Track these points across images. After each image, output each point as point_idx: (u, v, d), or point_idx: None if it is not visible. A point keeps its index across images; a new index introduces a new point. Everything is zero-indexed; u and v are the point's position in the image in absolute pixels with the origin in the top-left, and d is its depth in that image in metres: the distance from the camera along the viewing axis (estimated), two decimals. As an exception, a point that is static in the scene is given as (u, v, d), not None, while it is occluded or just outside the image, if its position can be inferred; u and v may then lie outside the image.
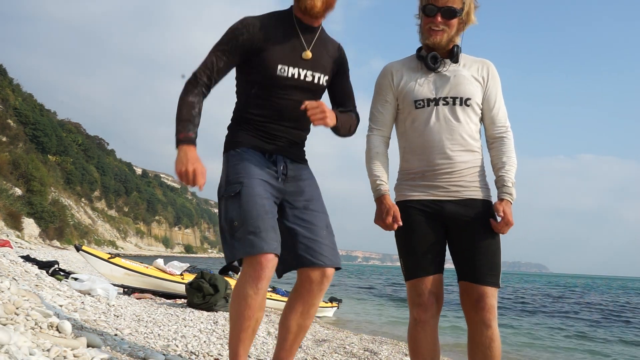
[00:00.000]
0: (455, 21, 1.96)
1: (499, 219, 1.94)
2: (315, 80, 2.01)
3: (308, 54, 1.97)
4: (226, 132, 2.10)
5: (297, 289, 1.99)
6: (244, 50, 1.94)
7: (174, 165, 1.80)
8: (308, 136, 2.14)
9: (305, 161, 2.12)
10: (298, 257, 1.93)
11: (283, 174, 1.98)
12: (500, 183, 1.99)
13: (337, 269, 1.98)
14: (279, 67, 1.93)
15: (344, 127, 2.06)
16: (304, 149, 2.13)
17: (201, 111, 1.92)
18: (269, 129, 1.98)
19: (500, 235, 1.97)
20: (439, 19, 1.95)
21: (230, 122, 2.09)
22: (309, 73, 1.98)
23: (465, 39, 2.05)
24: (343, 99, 2.13)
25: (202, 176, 1.80)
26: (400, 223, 1.95)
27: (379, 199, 2.00)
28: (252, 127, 1.99)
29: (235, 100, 2.10)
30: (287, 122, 2.00)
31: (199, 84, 1.92)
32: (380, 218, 1.97)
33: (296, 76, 1.96)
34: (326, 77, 2.05)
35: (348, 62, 2.15)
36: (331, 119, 1.90)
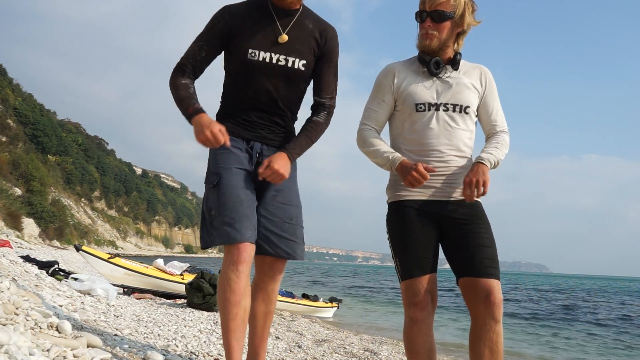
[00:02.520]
0: (446, 25, 2.00)
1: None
2: (289, 64, 1.97)
3: (284, 37, 1.96)
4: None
5: (255, 279, 2.12)
6: (222, 37, 1.98)
7: (196, 135, 1.84)
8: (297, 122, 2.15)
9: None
10: (257, 245, 1.99)
11: (258, 161, 2.02)
12: (478, 157, 2.00)
13: (294, 259, 2.03)
14: (250, 51, 1.93)
15: (306, 150, 2.06)
16: (288, 131, 2.09)
17: (196, 91, 1.97)
18: (247, 116, 2.03)
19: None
20: (429, 22, 1.99)
21: (219, 107, 2.14)
22: (282, 57, 1.96)
23: (468, 43, 2.08)
24: (320, 89, 2.08)
25: (222, 134, 1.82)
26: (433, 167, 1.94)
27: (400, 164, 1.97)
28: (233, 114, 2.05)
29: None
30: (264, 106, 2.01)
31: (185, 72, 1.99)
32: (412, 170, 1.91)
33: (267, 60, 1.95)
34: (303, 62, 1.99)
35: (338, 47, 2.08)
36: (286, 172, 1.91)
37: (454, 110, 2.02)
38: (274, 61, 1.96)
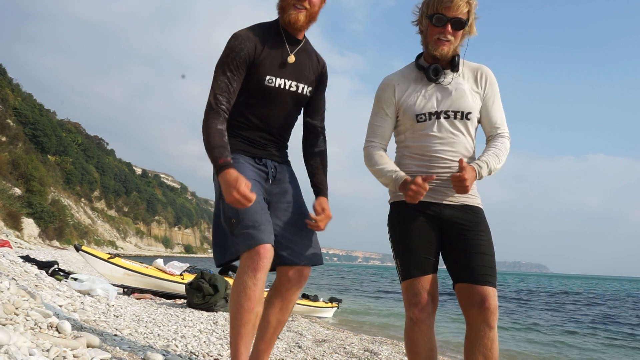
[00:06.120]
0: (461, 32, 1.98)
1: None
2: (299, 91, 2.13)
3: (292, 58, 2.08)
4: None
5: (276, 286, 2.10)
6: (247, 64, 2.03)
7: (224, 194, 1.82)
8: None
9: (289, 162, 2.25)
10: (278, 256, 2.01)
11: (272, 176, 2.11)
12: (477, 159, 1.98)
13: (318, 264, 2.12)
14: (267, 77, 2.04)
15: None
16: (285, 147, 2.25)
17: (228, 138, 1.95)
18: (255, 135, 2.10)
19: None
20: (449, 29, 1.95)
21: None
22: (294, 84, 2.10)
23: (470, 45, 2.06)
24: (314, 112, 2.24)
25: (248, 189, 1.80)
26: (433, 176, 1.89)
27: (403, 182, 1.92)
28: (241, 133, 2.10)
29: None
30: (273, 128, 2.12)
31: (221, 112, 1.95)
32: (410, 184, 1.87)
33: (282, 86, 2.08)
34: (309, 88, 2.17)
35: (328, 78, 2.27)
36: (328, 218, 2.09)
37: (455, 117, 2.00)
38: (287, 87, 2.09)
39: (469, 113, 2.01)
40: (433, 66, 2.00)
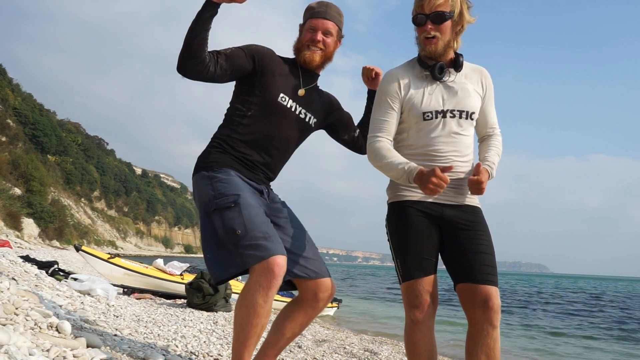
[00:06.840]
0: (447, 25, 1.95)
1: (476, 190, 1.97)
2: (307, 119, 2.20)
3: (302, 92, 2.16)
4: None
5: (302, 304, 2.09)
6: (252, 55, 2.06)
7: None
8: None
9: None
10: (296, 270, 2.03)
11: (267, 195, 2.12)
12: (483, 160, 2.05)
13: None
14: (281, 95, 2.09)
15: None
16: (272, 179, 2.26)
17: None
18: (253, 160, 2.09)
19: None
20: (430, 25, 1.94)
21: (212, 142, 2.14)
22: (303, 111, 2.17)
23: (467, 42, 2.06)
24: (349, 125, 2.41)
25: None
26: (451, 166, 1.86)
27: (418, 174, 1.85)
28: (237, 154, 2.08)
29: (222, 123, 2.17)
30: (272, 151, 2.12)
31: (208, 54, 1.97)
32: (431, 176, 1.79)
33: (293, 109, 2.13)
34: (315, 120, 2.25)
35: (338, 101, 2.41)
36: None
37: (460, 117, 2.00)
38: (297, 112, 2.14)
39: (473, 113, 2.03)
40: (439, 64, 1.99)
